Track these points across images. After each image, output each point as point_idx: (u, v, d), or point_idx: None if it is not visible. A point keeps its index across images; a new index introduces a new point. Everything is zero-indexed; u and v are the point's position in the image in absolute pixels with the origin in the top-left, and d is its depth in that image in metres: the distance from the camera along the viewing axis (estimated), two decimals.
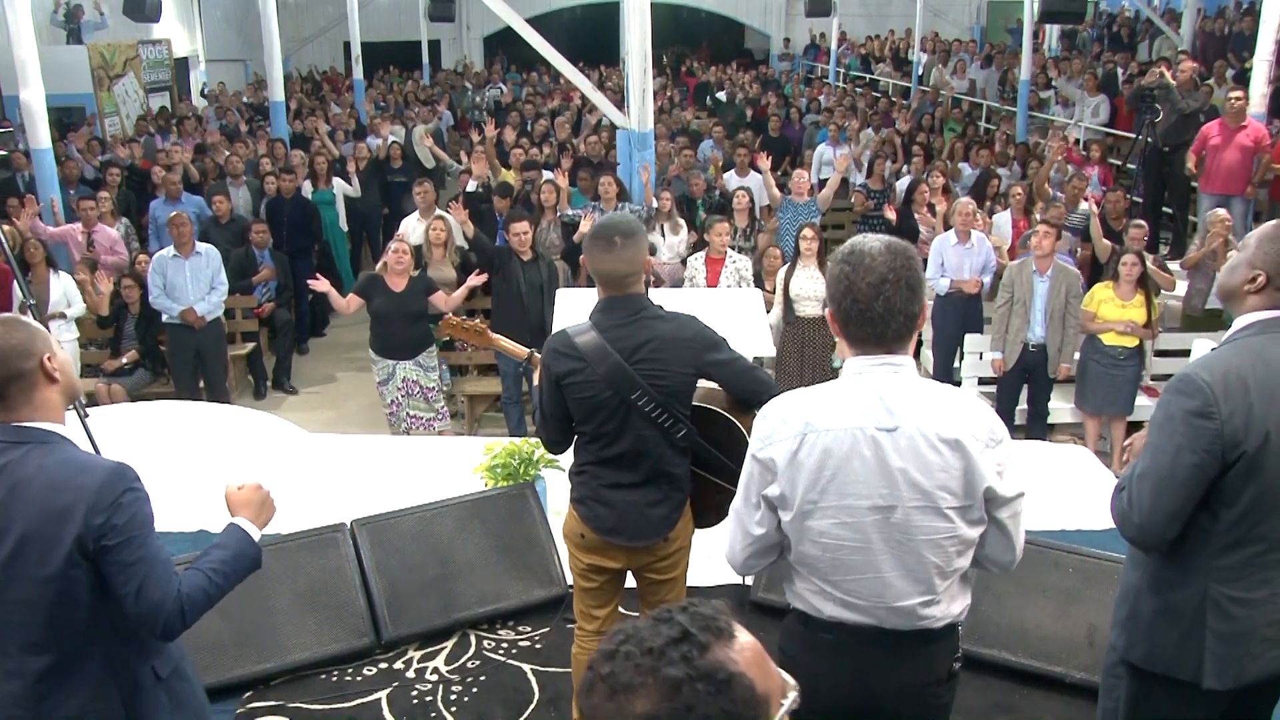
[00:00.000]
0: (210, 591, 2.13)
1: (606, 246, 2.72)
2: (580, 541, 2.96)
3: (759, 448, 2.06)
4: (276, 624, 3.66)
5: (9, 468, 2.04)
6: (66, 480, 2.03)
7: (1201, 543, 2.23)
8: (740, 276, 6.65)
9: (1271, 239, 2.25)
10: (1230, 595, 2.22)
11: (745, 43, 24.61)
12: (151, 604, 2.04)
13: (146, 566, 2.05)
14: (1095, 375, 6.18)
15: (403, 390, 6.15)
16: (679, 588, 3.07)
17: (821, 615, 2.11)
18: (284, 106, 12.80)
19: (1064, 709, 3.41)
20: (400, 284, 6.11)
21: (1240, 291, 2.28)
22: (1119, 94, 12.15)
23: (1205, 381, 2.15)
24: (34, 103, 7.55)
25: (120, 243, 7.95)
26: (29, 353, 2.07)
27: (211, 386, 7.00)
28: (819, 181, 9.73)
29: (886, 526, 2.00)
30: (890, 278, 1.99)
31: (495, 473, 4.39)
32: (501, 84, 17.62)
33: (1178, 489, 2.17)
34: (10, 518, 2.02)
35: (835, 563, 2.05)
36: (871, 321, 2.00)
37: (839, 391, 2.06)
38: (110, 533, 2.02)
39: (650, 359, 2.73)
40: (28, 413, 2.08)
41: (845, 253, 2.05)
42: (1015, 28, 18.70)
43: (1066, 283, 6.08)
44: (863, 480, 1.99)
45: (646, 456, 2.81)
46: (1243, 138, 8.04)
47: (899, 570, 2.03)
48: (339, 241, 9.74)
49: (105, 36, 14.79)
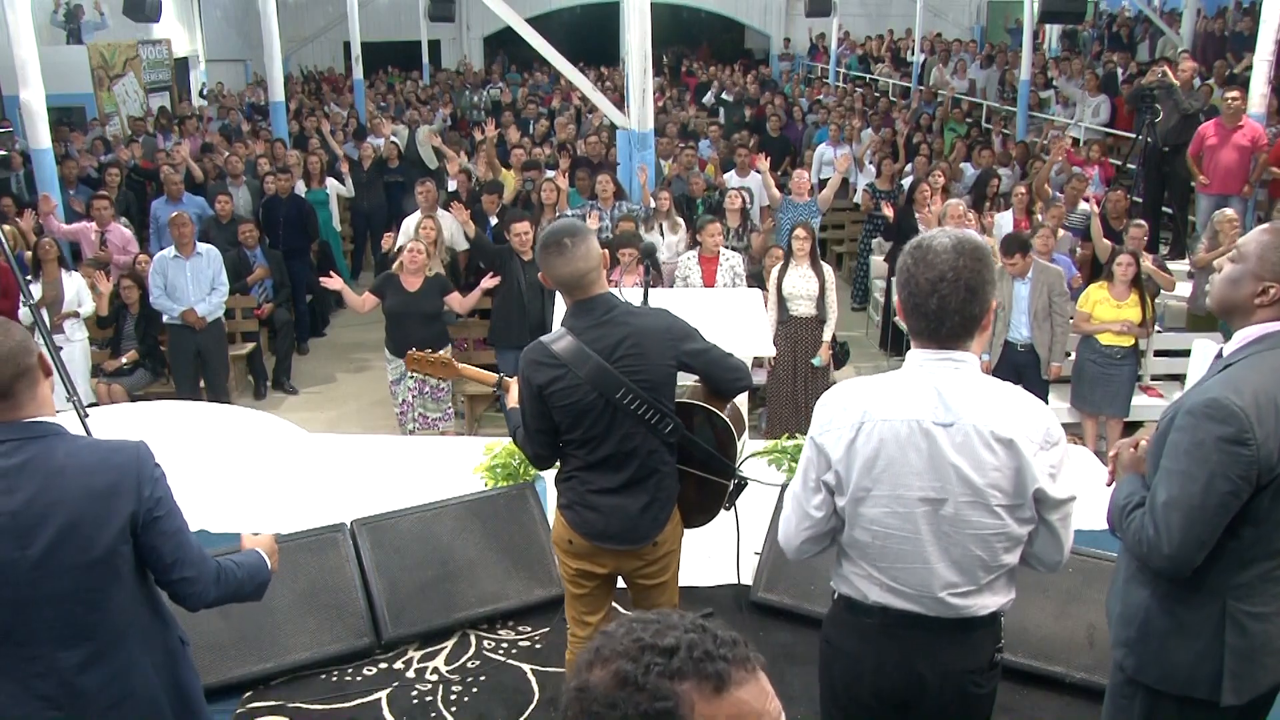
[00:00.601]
0: (238, 575, 2.27)
1: (559, 251, 2.69)
2: (568, 548, 2.94)
3: (818, 433, 2.11)
4: (276, 624, 3.66)
5: (33, 463, 2.05)
6: (102, 461, 2.09)
7: (1221, 561, 2.17)
8: (735, 274, 6.65)
9: (1274, 247, 2.16)
10: (1247, 611, 2.18)
11: (745, 43, 24.60)
12: (194, 569, 2.16)
13: (185, 535, 2.17)
14: (1092, 375, 6.19)
15: (414, 390, 6.17)
16: (670, 592, 3.05)
17: (867, 600, 2.15)
18: (284, 106, 12.80)
19: (1064, 709, 3.41)
20: (415, 283, 6.14)
21: (1248, 305, 2.19)
22: (1119, 94, 12.15)
23: (1239, 407, 2.06)
24: (34, 103, 7.55)
25: (133, 242, 7.96)
26: (29, 349, 2.11)
27: (212, 387, 6.99)
28: (819, 181, 9.73)
29: (936, 519, 2.03)
30: (949, 276, 1.99)
31: (495, 473, 4.39)
32: (500, 84, 17.62)
33: (1211, 517, 2.09)
34: (48, 509, 2.03)
35: (884, 550, 2.09)
36: (926, 317, 2.03)
37: (899, 382, 2.08)
38: (157, 505, 2.12)
39: (629, 355, 2.72)
40: (33, 408, 2.11)
41: (913, 245, 2.07)
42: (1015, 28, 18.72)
43: (1048, 282, 6.08)
44: (915, 471, 2.02)
45: (634, 456, 2.79)
46: (1239, 137, 8.04)
47: (945, 561, 2.06)
48: (333, 241, 9.76)
49: (105, 36, 14.79)
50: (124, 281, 7.09)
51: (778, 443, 4.68)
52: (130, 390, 6.96)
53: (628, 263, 6.34)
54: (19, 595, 2.03)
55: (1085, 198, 7.82)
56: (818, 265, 6.49)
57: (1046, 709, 3.43)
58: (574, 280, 2.74)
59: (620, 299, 2.81)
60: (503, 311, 6.48)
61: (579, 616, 3.06)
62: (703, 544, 3.21)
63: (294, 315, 8.44)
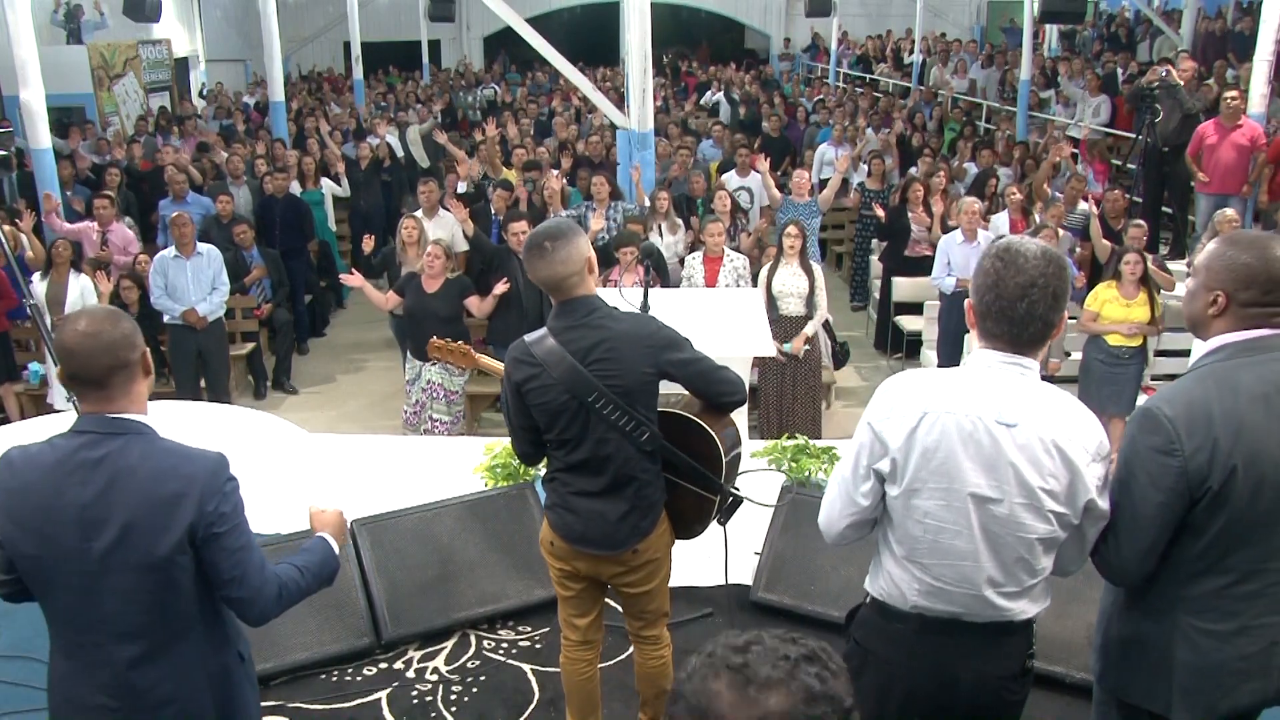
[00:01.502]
0: (302, 585, 2.25)
1: (540, 253, 2.69)
2: (550, 549, 2.94)
3: (878, 419, 2.08)
4: (276, 624, 3.62)
5: (110, 458, 2.07)
6: (173, 469, 2.09)
7: (1172, 573, 2.16)
8: (738, 275, 6.65)
9: (1220, 256, 2.16)
10: (1199, 627, 2.15)
11: (745, 43, 24.60)
12: (254, 589, 2.14)
13: (247, 554, 2.14)
14: (1099, 375, 6.17)
15: (427, 392, 6.17)
16: (658, 600, 3.02)
17: (904, 603, 2.13)
18: (284, 106, 12.80)
19: (1064, 709, 3.41)
20: (434, 285, 6.16)
21: (1205, 318, 2.20)
22: (1119, 94, 12.15)
23: (1167, 417, 2.07)
24: (34, 103, 7.55)
25: (134, 243, 7.96)
26: (134, 344, 2.12)
27: (213, 387, 7.00)
28: (820, 181, 9.73)
29: (988, 517, 2.03)
30: (1040, 282, 2.00)
31: (495, 473, 4.39)
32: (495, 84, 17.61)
33: (1147, 527, 2.11)
34: (112, 507, 2.04)
35: (935, 545, 2.07)
36: (1011, 321, 2.03)
37: (965, 378, 2.08)
38: (219, 520, 2.09)
39: (604, 359, 2.69)
40: (124, 404, 2.13)
41: (1001, 249, 2.05)
42: (1009, 27, 18.73)
43: None
44: (973, 468, 2.01)
45: (610, 461, 2.76)
46: (1238, 137, 8.04)
47: (994, 562, 2.06)
48: (330, 241, 9.76)
49: (105, 36, 14.78)
50: (124, 282, 7.09)
51: (777, 443, 4.68)
52: None
53: (628, 262, 6.34)
54: (85, 584, 2.07)
55: (1084, 197, 7.82)
56: (807, 264, 6.51)
57: (1046, 709, 3.43)
58: (553, 283, 2.73)
59: (603, 303, 2.78)
60: (502, 311, 6.49)
61: (569, 619, 3.05)
62: (702, 544, 3.21)
63: (293, 315, 8.44)
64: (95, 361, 2.06)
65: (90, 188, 9.37)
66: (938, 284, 6.94)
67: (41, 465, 2.08)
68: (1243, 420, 2.05)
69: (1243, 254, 2.13)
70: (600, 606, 3.08)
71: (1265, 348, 2.12)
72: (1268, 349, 2.12)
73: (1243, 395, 2.07)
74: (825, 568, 3.89)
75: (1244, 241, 2.17)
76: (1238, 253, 2.13)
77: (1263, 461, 2.05)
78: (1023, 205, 7.75)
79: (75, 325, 2.08)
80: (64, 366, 2.10)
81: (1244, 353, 2.13)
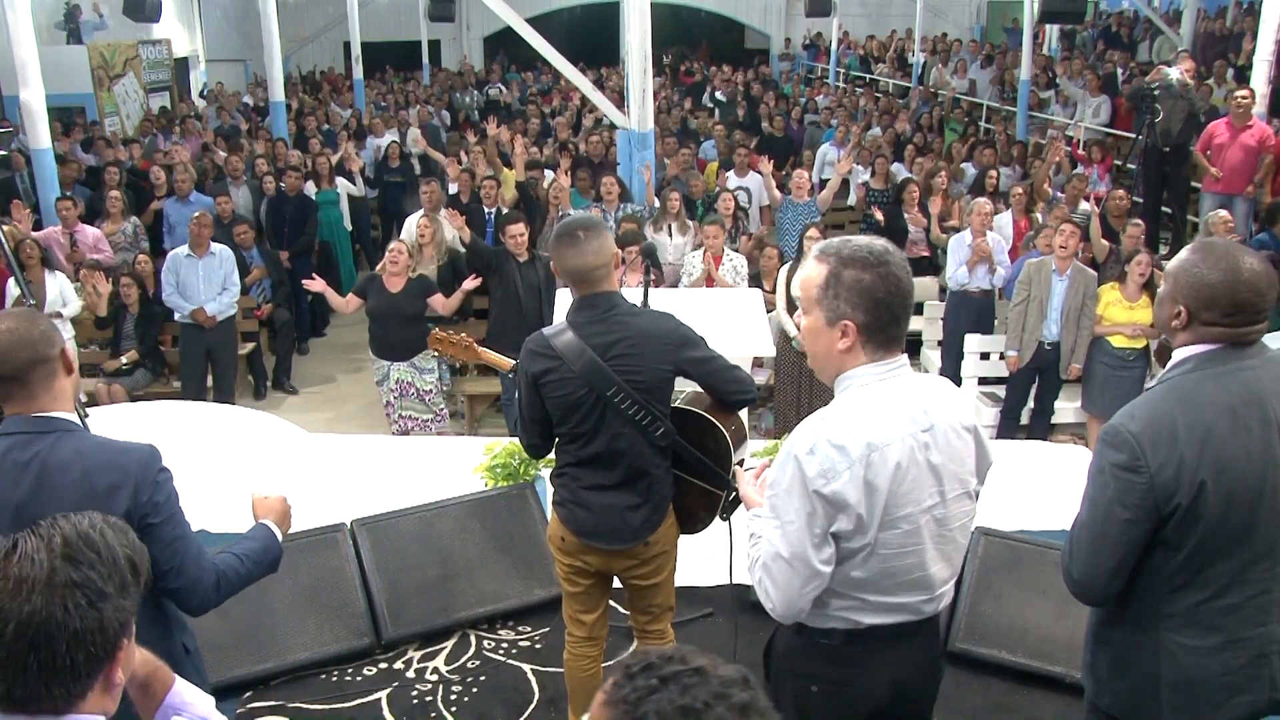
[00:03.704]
0: (241, 573, 2.24)
1: (571, 242, 2.72)
2: (561, 545, 2.95)
3: (821, 484, 1.91)
4: (276, 624, 3.66)
5: (39, 456, 2.07)
6: (106, 463, 2.09)
7: (1148, 588, 2.14)
8: (737, 274, 6.65)
9: (1188, 268, 2.11)
10: (1181, 643, 2.12)
11: (745, 43, 24.60)
12: (190, 579, 2.14)
13: (184, 544, 2.14)
14: (1104, 377, 6.16)
15: (395, 391, 6.14)
16: (664, 593, 3.05)
17: (859, 627, 2.07)
18: (284, 106, 12.80)
19: (1064, 709, 3.41)
20: (397, 285, 6.10)
21: (1170, 328, 2.16)
22: (1119, 94, 12.15)
23: (1131, 433, 2.04)
24: (34, 103, 7.55)
25: (104, 241, 7.85)
26: (52, 340, 2.12)
27: (219, 387, 7.01)
28: (819, 182, 9.73)
29: (934, 522, 2.02)
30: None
31: (495, 473, 4.39)
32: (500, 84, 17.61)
33: (1113, 545, 2.07)
34: (48, 504, 2.03)
35: (886, 572, 2.00)
36: (900, 323, 2.01)
37: (875, 403, 1.98)
38: (154, 510, 2.10)
39: (625, 355, 2.72)
40: (48, 401, 2.12)
41: (869, 256, 1.97)
42: (1011, 28, 18.72)
43: (1084, 283, 6.08)
44: (920, 485, 1.98)
45: (624, 456, 2.79)
46: (1247, 137, 8.03)
47: (940, 560, 2.06)
48: (343, 241, 9.72)
49: (105, 36, 14.78)
50: (123, 280, 7.09)
51: (778, 442, 4.68)
52: (130, 390, 6.96)
53: (632, 260, 6.34)
54: None
55: (1085, 197, 7.81)
56: None
57: (1046, 709, 3.43)
58: (581, 273, 2.75)
59: (623, 299, 2.82)
60: (499, 313, 6.47)
61: (575, 615, 3.07)
62: (703, 544, 3.21)
63: (294, 315, 8.44)
64: (14, 356, 2.06)
65: (89, 188, 9.36)
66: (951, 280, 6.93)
67: None
68: (1208, 433, 2.02)
69: (1210, 271, 2.07)
70: (606, 603, 3.10)
71: (1229, 359, 2.08)
72: (1231, 360, 2.08)
73: (1207, 408, 2.04)
74: None
75: (1214, 255, 2.10)
76: (1205, 270, 2.08)
77: (1230, 475, 2.02)
78: (1025, 205, 7.75)
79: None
80: None
81: (1208, 364, 2.09)
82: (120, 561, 1.34)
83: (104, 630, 1.30)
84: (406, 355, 6.09)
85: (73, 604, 1.27)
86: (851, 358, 2.00)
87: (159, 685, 1.67)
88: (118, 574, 1.33)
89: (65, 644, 1.27)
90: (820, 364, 2.07)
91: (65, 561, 1.29)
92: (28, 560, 1.27)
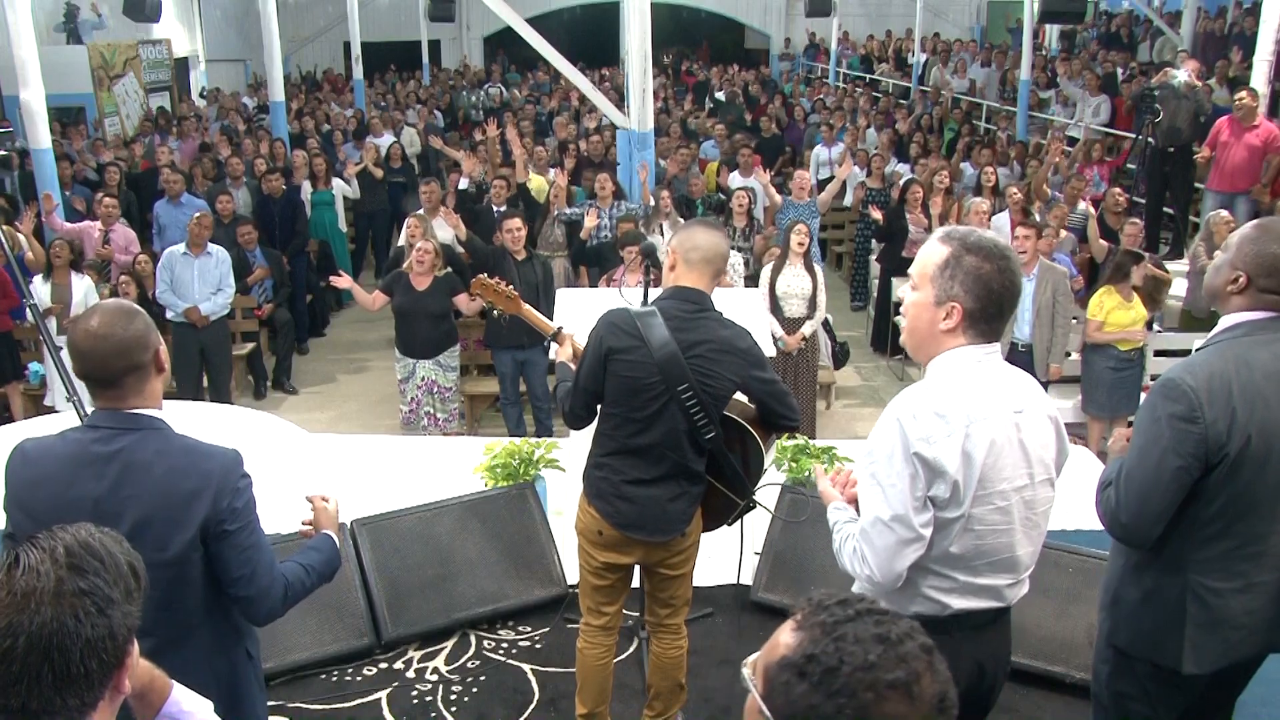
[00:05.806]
0: (306, 584, 2.25)
1: (714, 224, 2.86)
2: (598, 539, 2.97)
3: (923, 447, 1.96)
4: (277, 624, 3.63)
5: (123, 453, 2.06)
6: (190, 465, 2.08)
7: (1183, 536, 2.29)
8: (735, 273, 6.66)
9: (1251, 239, 2.29)
10: (1208, 585, 2.29)
11: (745, 43, 24.60)
12: (261, 588, 2.14)
13: (258, 552, 2.14)
14: (1109, 381, 6.12)
15: (423, 389, 6.19)
16: (687, 584, 3.12)
17: (946, 613, 2.10)
18: (284, 106, 12.80)
19: (1064, 709, 3.41)
20: (424, 283, 6.15)
21: (1224, 292, 2.33)
22: (1119, 94, 12.14)
23: (1191, 386, 2.20)
24: (34, 103, 7.55)
25: (135, 242, 7.95)
26: (147, 345, 2.10)
27: (215, 387, 7.01)
28: (819, 182, 9.73)
29: (1023, 504, 2.08)
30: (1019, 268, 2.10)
31: (495, 473, 4.39)
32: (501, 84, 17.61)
33: (1163, 491, 2.23)
34: (126, 501, 2.03)
35: (979, 550, 2.06)
36: (1004, 316, 2.07)
37: (973, 380, 2.04)
38: (231, 517, 2.09)
39: (705, 358, 2.80)
40: (136, 400, 2.11)
41: (994, 248, 2.03)
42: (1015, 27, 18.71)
43: (1053, 280, 6.08)
44: (1012, 463, 2.04)
45: (672, 451, 2.85)
46: (1252, 137, 8.02)
47: (1028, 544, 2.12)
48: (338, 241, 9.74)
49: (105, 36, 14.78)
50: (122, 279, 7.09)
51: (777, 443, 4.68)
52: None
53: (633, 260, 6.34)
54: None
55: (1084, 198, 7.81)
56: (811, 265, 6.55)
57: (1046, 709, 3.43)
58: (707, 256, 2.83)
59: (713, 303, 2.89)
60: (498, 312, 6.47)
61: (596, 606, 3.10)
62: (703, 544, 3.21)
63: (293, 315, 8.44)
64: (108, 365, 2.05)
65: (90, 188, 9.36)
66: None
67: (55, 457, 2.07)
68: (1258, 394, 2.20)
69: (1274, 244, 2.26)
70: (627, 594, 3.15)
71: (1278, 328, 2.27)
72: None
73: (1257, 371, 2.22)
74: (825, 568, 3.89)
75: (1277, 229, 2.30)
76: (1269, 242, 2.27)
77: (1273, 434, 2.20)
78: (1023, 205, 7.75)
79: (87, 325, 2.06)
80: (76, 367, 2.09)
81: (1258, 331, 2.27)
82: (123, 568, 1.34)
83: (114, 636, 1.30)
84: (433, 352, 6.17)
85: (83, 612, 1.27)
86: (951, 338, 2.06)
87: (156, 694, 1.66)
88: (122, 580, 1.33)
89: (79, 653, 1.26)
90: (916, 340, 2.13)
91: (71, 571, 1.29)
92: (32, 573, 1.27)
